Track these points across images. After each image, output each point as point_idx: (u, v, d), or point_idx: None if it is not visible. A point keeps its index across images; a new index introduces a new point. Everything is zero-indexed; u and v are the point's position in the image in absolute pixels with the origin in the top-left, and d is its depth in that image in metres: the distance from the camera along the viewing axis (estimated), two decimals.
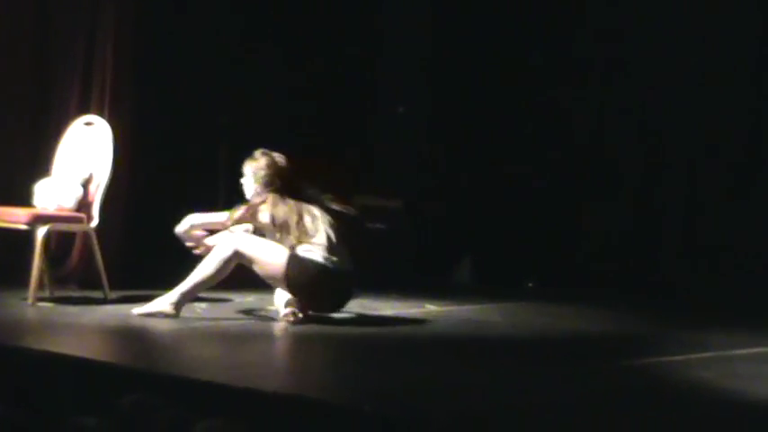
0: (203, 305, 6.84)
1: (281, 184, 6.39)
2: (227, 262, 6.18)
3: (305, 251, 6.18)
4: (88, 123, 7.13)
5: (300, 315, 6.16)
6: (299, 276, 6.12)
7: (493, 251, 8.80)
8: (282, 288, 6.25)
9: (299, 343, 5.95)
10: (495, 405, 4.39)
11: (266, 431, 4.03)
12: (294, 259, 6.14)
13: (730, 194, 8.14)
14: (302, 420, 4.12)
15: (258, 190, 6.42)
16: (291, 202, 6.32)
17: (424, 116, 9.23)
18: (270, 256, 6.17)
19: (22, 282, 6.70)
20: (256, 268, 6.20)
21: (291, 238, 6.22)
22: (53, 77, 7.77)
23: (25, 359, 5.08)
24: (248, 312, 6.69)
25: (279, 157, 6.45)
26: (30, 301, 6.54)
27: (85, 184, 6.90)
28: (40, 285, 6.75)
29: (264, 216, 6.29)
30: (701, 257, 8.14)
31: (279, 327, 6.19)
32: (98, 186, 6.86)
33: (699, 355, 5.64)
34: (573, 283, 8.30)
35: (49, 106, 7.73)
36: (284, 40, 8.66)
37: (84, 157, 6.98)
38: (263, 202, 6.33)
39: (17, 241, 6.97)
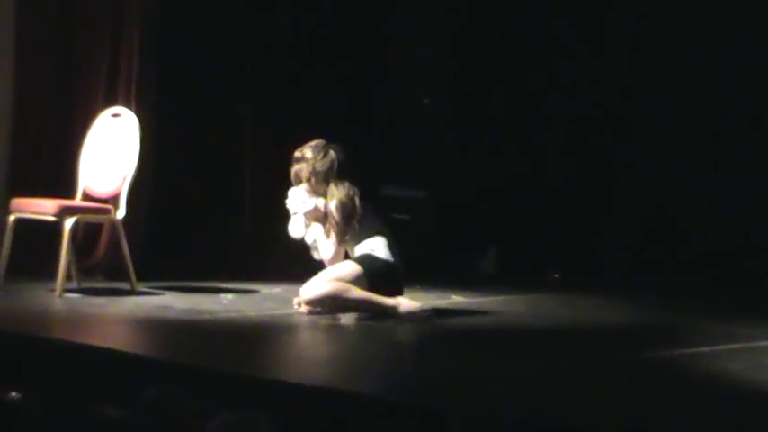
0: (229, 296, 6.87)
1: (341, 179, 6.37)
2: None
3: (370, 249, 6.24)
4: (115, 115, 7.16)
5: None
6: (373, 274, 6.17)
7: (518, 241, 8.79)
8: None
9: (324, 335, 5.96)
10: (519, 397, 4.39)
11: (290, 422, 4.04)
12: (367, 258, 6.20)
13: (757, 186, 8.12)
14: (326, 412, 4.13)
15: (314, 182, 6.36)
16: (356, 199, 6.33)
17: (450, 107, 9.21)
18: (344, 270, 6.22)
19: (50, 273, 6.74)
20: None
21: (352, 234, 6.25)
22: (80, 69, 7.80)
23: (52, 350, 5.11)
24: (275, 303, 6.70)
25: (340, 153, 6.43)
26: (57, 292, 6.58)
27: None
28: (68, 276, 6.78)
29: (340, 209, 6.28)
30: (725, 248, 8.11)
31: (304, 318, 6.20)
32: (125, 178, 6.89)
33: (724, 347, 5.62)
34: (598, 274, 8.28)
35: (76, 98, 7.75)
36: (307, 30, 8.65)
37: (111, 149, 7.01)
38: (347, 197, 6.30)
39: (45, 232, 7.00)
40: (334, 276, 6.18)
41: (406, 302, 6.20)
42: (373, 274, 6.17)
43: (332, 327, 6.02)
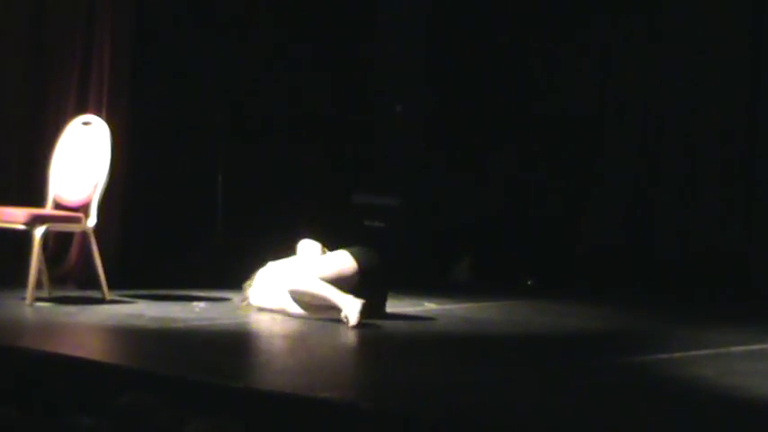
0: (202, 304, 6.84)
1: None
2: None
3: None
4: (86, 123, 7.13)
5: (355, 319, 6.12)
6: (371, 264, 6.37)
7: (492, 249, 8.80)
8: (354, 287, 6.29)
9: (298, 342, 5.95)
10: (492, 403, 4.39)
11: (262, 430, 4.03)
12: (362, 251, 6.41)
13: (729, 190, 8.16)
14: (298, 419, 4.12)
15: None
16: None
17: (422, 114, 9.22)
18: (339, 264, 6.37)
19: (21, 282, 6.70)
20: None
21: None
22: (50, 77, 7.76)
23: (23, 359, 5.07)
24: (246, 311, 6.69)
25: None
26: (28, 300, 6.54)
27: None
28: (38, 285, 6.74)
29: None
30: (698, 254, 8.15)
31: (277, 326, 6.18)
32: (96, 186, 6.86)
33: (697, 353, 5.64)
34: (572, 281, 8.30)
35: (46, 106, 7.72)
36: (283, 36, 8.64)
37: (82, 157, 6.98)
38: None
39: (15, 241, 6.96)
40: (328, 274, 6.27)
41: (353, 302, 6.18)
42: (367, 262, 6.37)
43: (305, 334, 6.00)
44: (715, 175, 8.21)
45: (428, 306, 7.11)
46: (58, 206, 6.98)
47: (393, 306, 6.60)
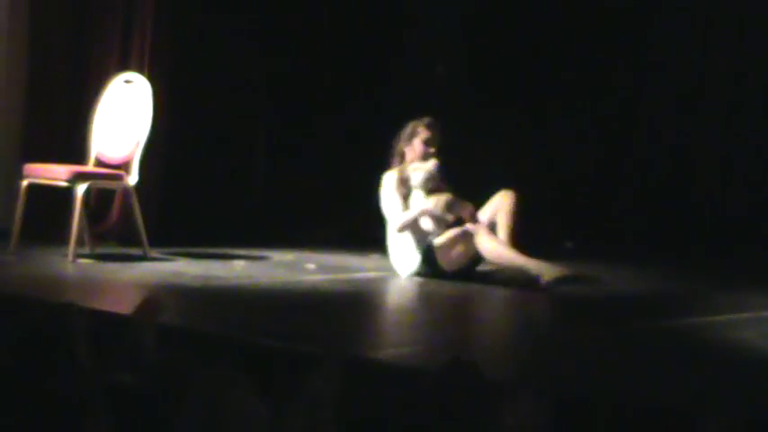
0: (242, 262, 6.87)
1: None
2: None
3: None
4: (128, 81, 7.14)
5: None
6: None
7: (531, 211, 8.75)
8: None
9: (341, 301, 5.94)
10: (536, 366, 4.38)
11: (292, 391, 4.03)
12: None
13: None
14: (341, 380, 4.12)
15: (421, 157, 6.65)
16: None
17: (462, 75, 9.17)
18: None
19: (63, 238, 6.75)
20: None
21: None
22: (92, 35, 7.78)
23: (66, 315, 5.11)
24: (286, 270, 6.71)
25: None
26: (70, 257, 6.58)
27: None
28: (80, 242, 6.79)
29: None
30: (737, 217, 8.10)
31: (317, 284, 6.19)
32: (137, 144, 6.89)
33: (738, 316, 5.62)
34: (611, 243, 8.27)
35: (88, 64, 7.75)
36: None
37: (123, 115, 7.01)
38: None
39: (58, 198, 7.01)
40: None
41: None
42: None
43: (347, 293, 6.02)
44: (755, 136, 8.15)
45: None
46: (99, 164, 7.02)
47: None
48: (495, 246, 6.35)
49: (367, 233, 7.75)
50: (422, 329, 5.26)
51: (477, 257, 6.47)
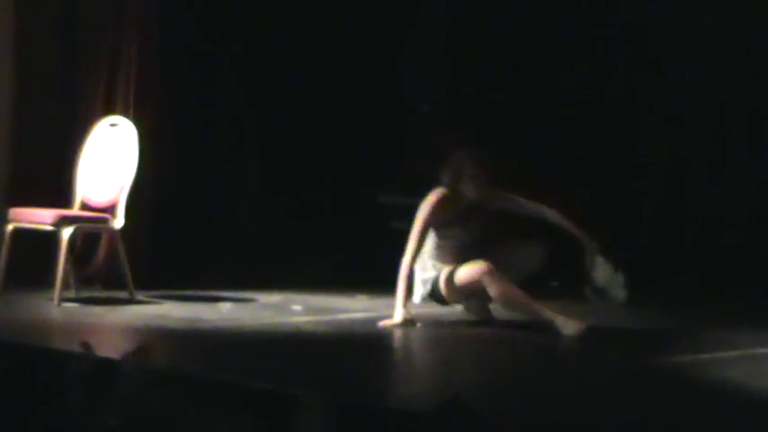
0: (228, 305, 6.85)
1: None
2: None
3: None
4: (113, 124, 7.15)
5: None
6: None
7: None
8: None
9: (323, 344, 5.93)
10: (522, 401, 4.38)
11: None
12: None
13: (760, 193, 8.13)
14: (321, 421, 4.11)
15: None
16: None
17: (447, 114, 9.19)
18: None
19: (48, 282, 6.73)
20: None
21: None
22: (79, 78, 7.79)
23: (51, 359, 5.08)
24: (272, 312, 6.69)
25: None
26: (55, 301, 6.56)
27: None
28: (66, 286, 6.77)
29: None
30: (727, 255, 8.11)
31: (304, 326, 6.18)
32: (123, 187, 6.89)
33: (726, 354, 5.61)
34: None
35: (75, 107, 7.75)
36: (307, 37, 8.65)
37: (109, 158, 7.01)
38: None
39: (43, 242, 6.99)
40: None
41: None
42: None
43: (330, 336, 6.00)
44: (747, 177, 8.18)
45: (458, 307, 7.08)
46: (85, 207, 7.01)
47: (419, 306, 6.58)
48: (507, 290, 6.18)
49: (354, 274, 7.76)
50: (411, 371, 5.25)
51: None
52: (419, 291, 6.38)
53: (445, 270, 6.27)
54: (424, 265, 6.32)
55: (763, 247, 8.05)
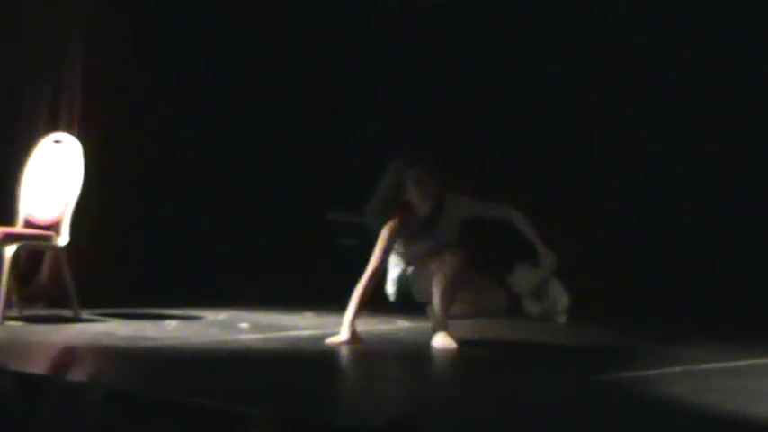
0: (174, 322, 6.80)
1: None
2: None
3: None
4: (57, 141, 7.09)
5: None
6: None
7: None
8: None
9: (269, 361, 5.90)
10: (470, 417, 4.36)
11: None
12: None
13: (712, 208, 8.20)
14: None
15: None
16: None
17: (397, 133, 9.21)
18: None
19: None
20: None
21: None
22: (22, 95, 7.72)
23: None
24: (218, 329, 6.65)
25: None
26: None
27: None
28: (9, 304, 6.69)
29: None
30: (676, 272, 8.17)
31: (251, 343, 6.14)
32: (67, 204, 6.82)
33: (672, 369, 5.63)
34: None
35: (18, 124, 7.68)
36: (259, 47, 8.64)
37: (53, 175, 6.95)
38: None
39: None
40: None
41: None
42: None
43: (280, 351, 5.97)
44: (698, 192, 8.25)
45: (401, 324, 7.08)
46: (29, 224, 6.94)
47: (366, 324, 6.57)
48: (456, 282, 6.13)
49: (302, 291, 7.74)
50: (359, 388, 5.23)
51: None
52: (391, 290, 6.38)
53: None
54: (393, 263, 6.32)
55: (713, 264, 8.11)
